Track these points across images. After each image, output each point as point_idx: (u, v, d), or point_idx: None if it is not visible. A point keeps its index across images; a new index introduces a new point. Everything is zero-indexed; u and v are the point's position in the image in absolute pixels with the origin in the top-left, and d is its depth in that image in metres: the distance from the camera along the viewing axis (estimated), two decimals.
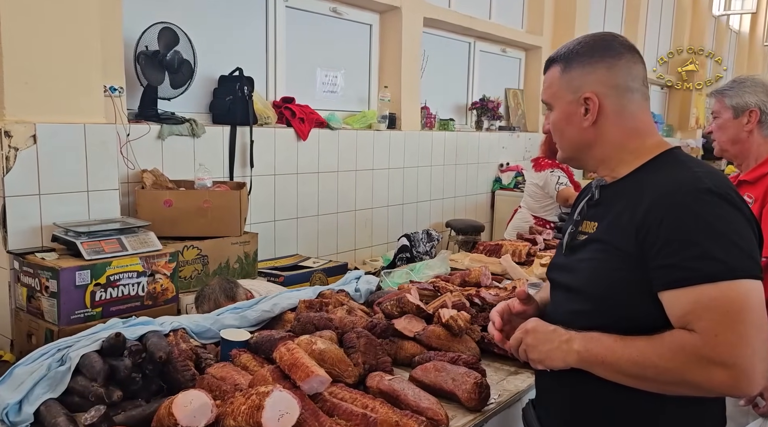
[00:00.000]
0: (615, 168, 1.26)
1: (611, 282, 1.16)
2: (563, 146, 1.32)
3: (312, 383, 1.29)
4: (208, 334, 1.71)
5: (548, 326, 1.22)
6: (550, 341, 1.19)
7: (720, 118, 2.14)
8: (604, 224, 1.22)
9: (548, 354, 1.19)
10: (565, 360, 1.17)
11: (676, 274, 1.06)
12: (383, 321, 1.73)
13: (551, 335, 1.20)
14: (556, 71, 1.28)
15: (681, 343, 1.05)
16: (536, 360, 1.22)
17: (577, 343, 1.16)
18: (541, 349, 1.20)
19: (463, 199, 5.82)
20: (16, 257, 2.60)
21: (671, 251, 1.06)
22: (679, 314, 1.07)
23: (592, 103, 1.23)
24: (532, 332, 1.23)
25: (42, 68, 2.66)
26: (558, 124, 1.30)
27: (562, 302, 1.30)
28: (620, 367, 1.10)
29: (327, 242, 4.46)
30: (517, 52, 6.69)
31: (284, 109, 4.08)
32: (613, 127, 1.24)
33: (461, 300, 1.90)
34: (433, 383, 1.49)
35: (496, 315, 1.39)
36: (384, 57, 5.01)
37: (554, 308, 1.35)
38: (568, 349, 1.16)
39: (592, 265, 1.21)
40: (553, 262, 1.40)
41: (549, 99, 1.31)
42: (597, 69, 1.23)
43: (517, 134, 6.44)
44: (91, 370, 1.35)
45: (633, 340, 1.10)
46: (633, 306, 1.14)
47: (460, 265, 2.70)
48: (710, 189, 1.08)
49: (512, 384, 1.60)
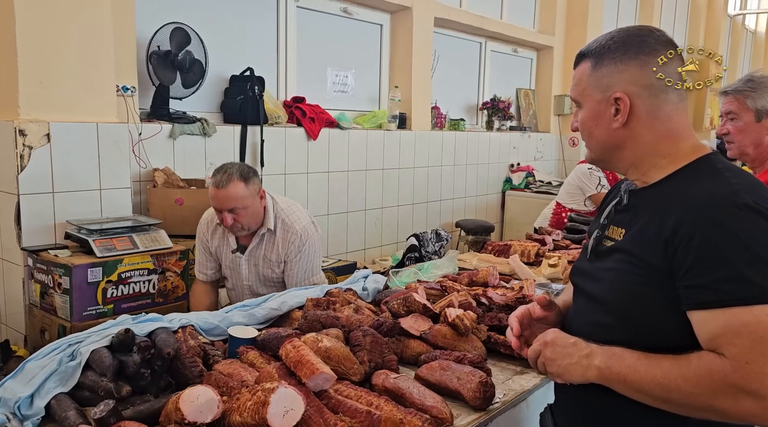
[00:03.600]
0: (647, 172, 1.19)
1: (635, 296, 1.11)
2: (591, 147, 1.26)
3: (317, 380, 1.30)
4: (216, 331, 1.73)
5: (568, 339, 1.18)
6: (570, 356, 1.15)
7: (740, 121, 2.07)
8: (631, 233, 1.17)
9: (567, 369, 1.15)
10: (585, 376, 1.13)
11: (707, 295, 1.01)
12: (389, 320, 1.74)
13: (571, 348, 1.16)
14: (586, 68, 1.21)
15: (709, 367, 1.00)
16: (555, 374, 1.18)
17: (599, 359, 1.11)
18: (560, 363, 1.16)
19: (473, 200, 5.82)
20: (30, 253, 2.64)
21: (702, 270, 1.01)
22: (709, 336, 1.02)
23: (622, 104, 1.16)
24: (551, 345, 1.19)
25: (56, 68, 2.69)
26: (586, 123, 1.23)
27: (585, 311, 1.26)
28: (642, 387, 1.06)
29: (337, 241, 4.48)
30: (528, 52, 6.67)
31: (295, 108, 4.10)
32: (645, 129, 1.17)
33: (468, 300, 1.91)
34: (438, 381, 1.50)
35: (515, 321, 1.35)
36: (395, 57, 5.02)
37: (576, 316, 1.30)
38: (588, 364, 1.12)
39: (616, 276, 1.16)
40: (578, 266, 1.35)
41: (577, 97, 1.24)
42: (629, 67, 1.16)
43: (528, 135, 6.42)
44: (101, 365, 1.37)
45: (658, 359, 1.05)
46: (657, 323, 1.09)
47: (468, 265, 2.70)
48: (748, 204, 1.02)
49: (518, 384, 1.60)
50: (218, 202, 2.46)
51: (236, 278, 2.67)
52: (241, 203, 2.44)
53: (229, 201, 2.43)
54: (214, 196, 2.47)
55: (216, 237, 2.69)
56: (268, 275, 2.64)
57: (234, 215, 2.47)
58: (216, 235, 2.69)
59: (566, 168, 6.73)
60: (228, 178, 2.43)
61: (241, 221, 2.49)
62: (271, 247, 2.61)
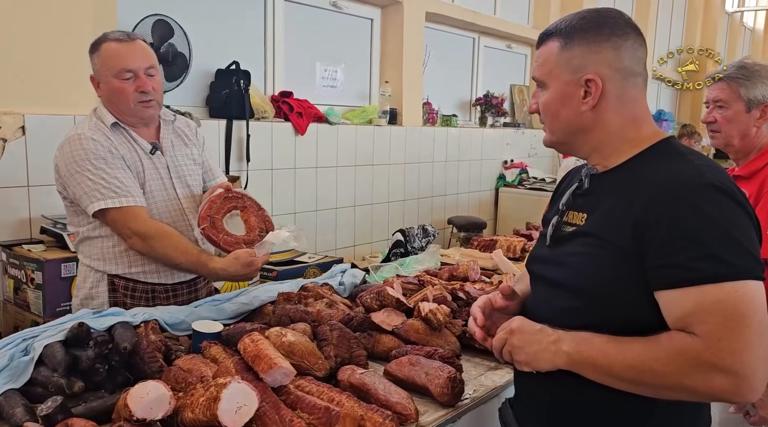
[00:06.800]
0: (609, 156, 1.18)
1: (602, 278, 1.09)
2: (554, 129, 1.21)
3: (275, 375, 1.25)
4: (182, 326, 1.68)
5: (534, 326, 1.15)
6: (538, 342, 1.12)
7: (729, 110, 1.98)
8: (594, 216, 1.15)
9: (535, 356, 1.12)
10: (554, 362, 1.10)
11: (678, 274, 1.00)
12: (360, 314, 1.69)
13: (538, 335, 1.13)
14: (554, 47, 1.17)
15: (680, 346, 0.99)
16: (522, 362, 1.15)
17: (567, 344, 1.09)
18: (528, 350, 1.13)
19: (466, 196, 5.76)
20: (4, 248, 2.59)
21: (672, 249, 1.00)
22: (679, 315, 1.01)
23: (594, 86, 1.13)
24: (517, 333, 1.16)
25: (32, 59, 2.64)
26: (551, 105, 1.19)
27: (547, 298, 1.23)
28: (613, 370, 1.04)
29: (325, 237, 4.43)
30: (522, 47, 6.61)
31: (282, 103, 4.05)
32: (613, 113, 1.15)
33: (443, 294, 1.86)
34: (406, 377, 1.45)
35: (478, 311, 1.32)
36: (385, 52, 4.96)
37: (537, 304, 1.27)
38: (557, 350, 1.10)
39: (581, 260, 1.14)
40: (535, 254, 1.33)
41: (543, 77, 1.20)
42: (603, 49, 1.13)
43: (522, 131, 6.37)
44: (53, 360, 1.32)
45: (628, 342, 1.04)
46: (625, 304, 1.08)
47: (451, 260, 2.65)
48: (713, 184, 1.02)
49: (490, 379, 1.55)
50: (131, 57, 1.81)
51: (163, 199, 1.92)
52: (156, 64, 1.89)
53: (147, 56, 1.86)
54: (122, 52, 1.81)
55: (122, 145, 1.87)
56: (193, 184, 2.01)
57: (152, 80, 1.86)
58: (120, 141, 1.88)
59: (560, 165, 6.68)
60: (130, 34, 1.88)
61: (158, 89, 1.89)
62: (185, 139, 2.05)
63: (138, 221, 1.80)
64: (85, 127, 1.85)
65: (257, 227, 1.87)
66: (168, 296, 1.91)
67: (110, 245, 1.87)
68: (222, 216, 1.84)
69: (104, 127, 1.87)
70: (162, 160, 1.96)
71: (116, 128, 1.89)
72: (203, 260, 1.78)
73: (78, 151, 1.80)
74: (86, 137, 1.82)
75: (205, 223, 1.79)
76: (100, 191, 1.78)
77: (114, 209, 1.78)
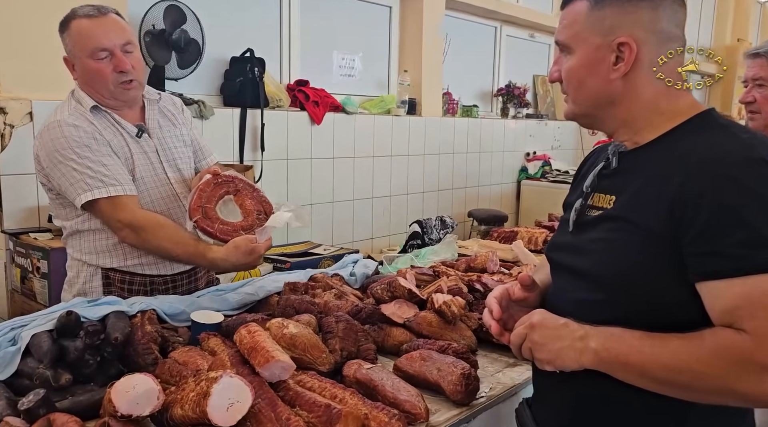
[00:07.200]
0: (639, 131, 1.05)
1: (632, 267, 0.98)
2: (578, 100, 1.09)
3: (272, 370, 1.15)
4: (182, 316, 1.59)
5: (557, 320, 1.03)
6: (561, 338, 1.00)
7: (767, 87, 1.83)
8: (624, 198, 1.03)
9: (559, 353, 1.00)
10: (580, 361, 0.98)
11: (722, 262, 0.88)
12: (369, 306, 1.59)
13: (562, 330, 1.01)
14: (583, 6, 1.05)
15: (726, 345, 0.87)
16: (544, 360, 1.03)
17: (595, 340, 0.97)
18: (551, 347, 1.01)
19: (487, 189, 5.63)
20: (11, 236, 2.54)
21: (715, 233, 0.89)
22: (724, 309, 0.89)
23: (628, 51, 1.01)
24: (538, 327, 1.04)
25: (40, 43, 2.58)
26: (577, 72, 1.06)
27: (568, 289, 1.11)
28: (647, 370, 0.93)
29: (342, 230, 4.34)
30: (546, 37, 6.44)
31: (298, 92, 3.96)
32: (647, 81, 1.02)
33: (458, 285, 1.75)
34: (417, 373, 1.34)
35: (494, 302, 1.19)
36: (404, 40, 4.85)
37: (558, 295, 1.16)
38: (584, 347, 0.98)
39: (607, 246, 1.02)
40: (556, 240, 1.21)
41: (568, 40, 1.08)
42: (639, 8, 1.00)
43: (545, 122, 6.21)
44: (39, 350, 1.24)
45: (664, 338, 0.92)
46: (658, 296, 0.96)
47: (469, 251, 2.54)
48: (764, 159, 0.90)
49: (508, 376, 1.44)
50: (104, 34, 1.65)
51: (155, 185, 1.80)
52: (132, 39, 1.72)
53: (122, 31, 1.70)
54: (94, 29, 1.65)
55: (106, 130, 1.74)
56: (184, 168, 1.89)
57: (130, 58, 1.70)
58: (104, 125, 1.74)
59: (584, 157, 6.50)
60: (101, 8, 1.70)
61: (137, 67, 1.73)
62: (173, 119, 1.90)
63: (128, 212, 1.66)
64: (64, 113, 1.70)
65: (254, 210, 1.75)
66: (167, 287, 1.82)
67: (103, 237, 1.75)
68: (214, 204, 1.70)
69: (85, 112, 1.71)
70: (150, 144, 1.81)
71: (97, 111, 1.73)
72: (201, 250, 1.65)
73: (59, 140, 1.65)
74: (67, 124, 1.66)
75: (197, 214, 1.65)
76: (86, 181, 1.63)
77: (103, 200, 1.64)
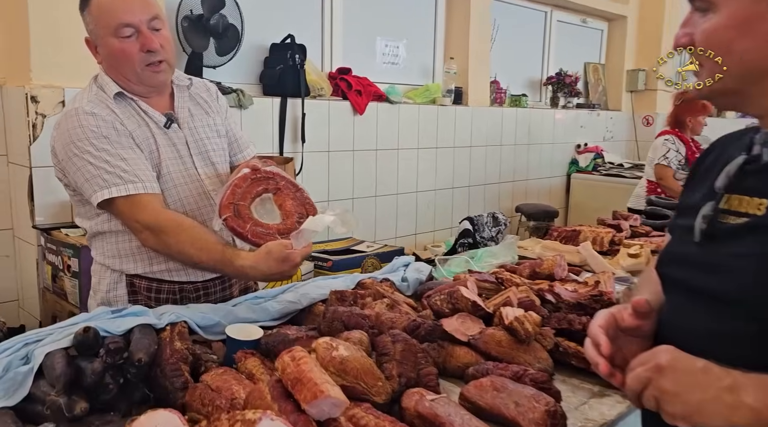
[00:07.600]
0: None
1: None
2: (722, 70, 0.84)
3: (321, 407, 0.96)
4: (217, 328, 1.40)
5: (694, 362, 0.79)
6: (702, 388, 0.77)
7: None
8: None
9: (700, 408, 0.76)
10: (731, 419, 0.75)
11: None
12: (429, 321, 1.38)
13: (701, 376, 0.78)
14: None
15: None
16: (678, 415, 0.78)
17: (751, 394, 0.74)
18: (688, 399, 0.77)
19: (535, 183, 5.38)
20: (42, 232, 2.42)
21: None
22: None
23: None
24: (669, 372, 0.79)
25: (72, 29, 2.43)
26: (723, 33, 0.83)
27: (694, 316, 0.87)
28: None
29: (385, 225, 4.15)
30: (598, 22, 6.12)
31: (340, 80, 3.78)
32: None
33: (529, 297, 1.53)
34: (489, 406, 1.13)
35: (601, 334, 0.92)
36: (450, 26, 4.62)
37: (679, 325, 0.90)
38: (736, 402, 0.74)
39: (762, 265, 0.79)
40: (676, 252, 0.96)
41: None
42: None
43: (597, 113, 5.91)
44: (51, 373, 1.07)
45: None
46: None
47: (530, 253, 2.31)
48: None
49: (596, 411, 1.22)
50: (128, 8, 1.48)
51: (185, 182, 1.61)
52: (160, 13, 1.54)
53: (147, 5, 1.52)
54: (117, 3, 1.48)
55: (129, 119, 1.55)
56: (218, 161, 1.69)
57: (158, 36, 1.51)
58: (127, 114, 1.56)
59: (639, 149, 6.16)
60: None
61: (167, 46, 1.54)
62: (206, 107, 1.71)
63: (148, 212, 1.47)
64: (84, 100, 1.52)
65: (295, 212, 1.52)
66: (199, 295, 1.63)
67: (126, 239, 1.57)
68: (250, 202, 1.49)
69: (107, 98, 1.52)
70: (180, 135, 1.62)
71: (122, 98, 1.55)
72: (228, 256, 1.43)
73: (75, 130, 1.47)
74: (85, 112, 1.48)
75: (227, 212, 1.44)
76: (103, 177, 1.45)
77: (120, 198, 1.46)
